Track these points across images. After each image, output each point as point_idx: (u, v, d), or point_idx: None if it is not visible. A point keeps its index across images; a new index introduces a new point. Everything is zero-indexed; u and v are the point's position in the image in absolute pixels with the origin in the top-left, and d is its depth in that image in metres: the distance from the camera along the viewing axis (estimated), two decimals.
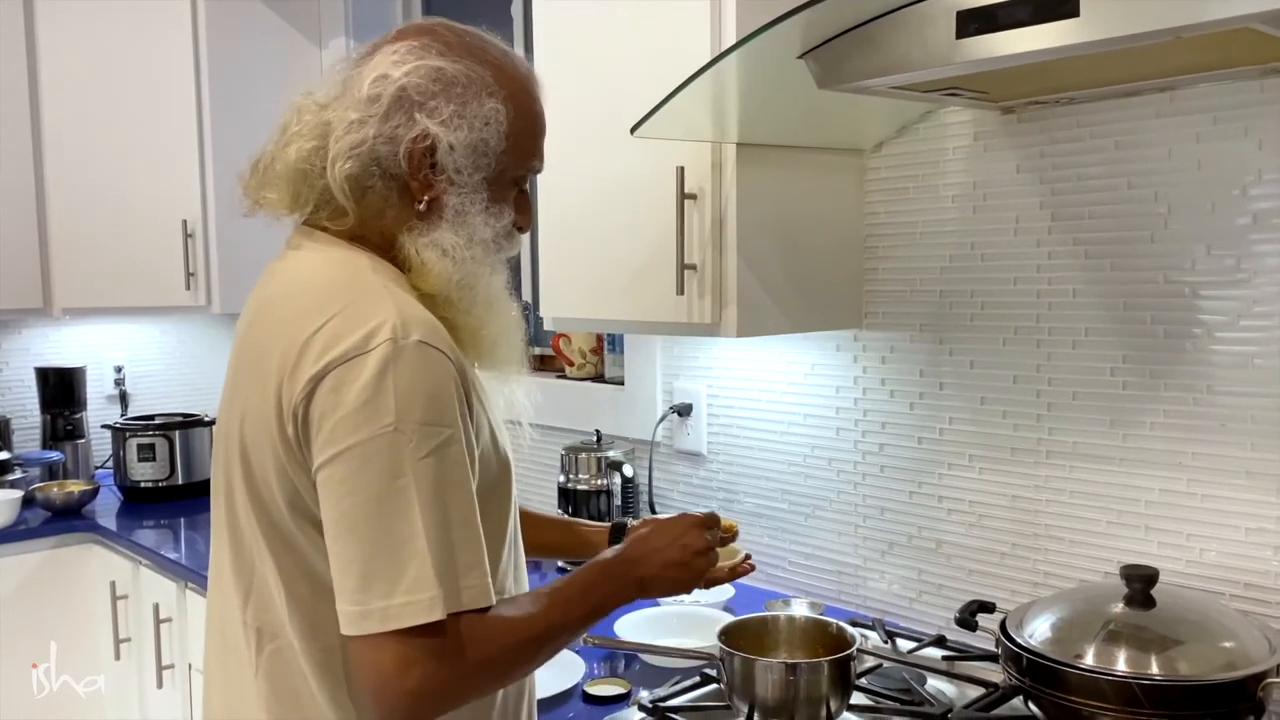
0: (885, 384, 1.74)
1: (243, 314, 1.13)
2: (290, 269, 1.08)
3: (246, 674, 1.07)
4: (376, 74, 1.03)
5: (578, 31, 1.70)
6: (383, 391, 0.93)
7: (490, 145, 1.06)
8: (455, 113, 1.03)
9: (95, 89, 2.76)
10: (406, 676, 0.92)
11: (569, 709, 1.44)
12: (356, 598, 0.93)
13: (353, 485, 0.93)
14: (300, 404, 0.95)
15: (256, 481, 1.01)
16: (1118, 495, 1.48)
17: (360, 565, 0.93)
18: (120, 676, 2.57)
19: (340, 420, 0.93)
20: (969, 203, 1.61)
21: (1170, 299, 1.41)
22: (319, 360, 0.95)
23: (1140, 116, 1.41)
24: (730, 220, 1.52)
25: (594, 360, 2.36)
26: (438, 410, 0.95)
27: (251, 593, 1.06)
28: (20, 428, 3.01)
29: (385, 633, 0.92)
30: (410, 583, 0.92)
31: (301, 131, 1.05)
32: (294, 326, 0.98)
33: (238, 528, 1.06)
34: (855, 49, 1.21)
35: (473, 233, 1.06)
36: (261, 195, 1.09)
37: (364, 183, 1.03)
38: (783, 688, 1.25)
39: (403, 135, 1.02)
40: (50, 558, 2.58)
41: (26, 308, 2.76)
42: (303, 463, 0.97)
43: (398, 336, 0.95)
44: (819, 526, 1.87)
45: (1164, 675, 1.14)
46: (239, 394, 1.04)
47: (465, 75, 1.05)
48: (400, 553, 0.92)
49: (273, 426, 0.98)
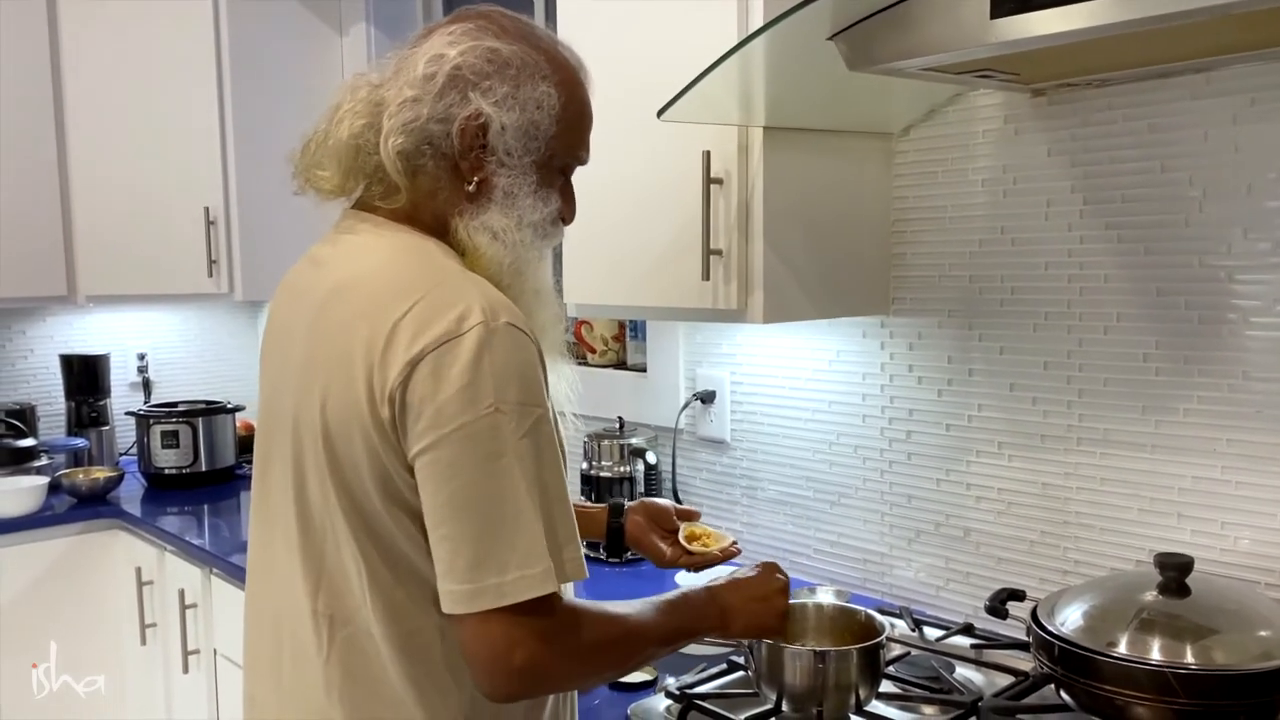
0: (913, 370, 1.73)
1: (289, 299, 1.12)
2: (355, 253, 1.07)
3: (314, 664, 1.06)
4: (432, 53, 1.04)
5: (602, 14, 1.68)
6: (480, 374, 0.95)
7: (541, 129, 1.07)
8: (508, 94, 1.05)
9: (118, 78, 2.76)
10: (517, 653, 0.95)
11: (594, 695, 1.43)
12: (470, 575, 0.95)
13: (459, 467, 0.95)
14: (397, 388, 0.96)
15: (342, 464, 1.01)
16: (1150, 483, 1.46)
17: (472, 544, 0.95)
18: (146, 661, 2.59)
19: (442, 404, 0.94)
20: (999, 186, 1.59)
21: (1205, 284, 1.38)
22: (413, 345, 0.95)
23: (1175, 98, 1.39)
24: (757, 205, 1.51)
25: (616, 347, 2.36)
26: (530, 390, 0.98)
27: (322, 581, 1.05)
28: (46, 415, 3.04)
29: (498, 610, 0.94)
30: (521, 558, 0.95)
31: (355, 109, 1.06)
32: (378, 311, 0.98)
33: (308, 515, 1.05)
34: (887, 30, 1.19)
35: (522, 215, 1.08)
36: (313, 173, 1.10)
37: (415, 161, 1.04)
38: (811, 675, 1.24)
39: (456, 114, 1.03)
40: (77, 543, 2.60)
41: (51, 295, 2.78)
42: (396, 446, 0.97)
43: (488, 319, 0.96)
44: (844, 514, 1.86)
45: (1199, 664, 1.12)
46: (317, 379, 1.02)
47: (520, 58, 1.06)
48: (511, 530, 0.95)
49: (364, 411, 0.98)
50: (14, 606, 2.50)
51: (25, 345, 3.08)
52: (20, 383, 3.07)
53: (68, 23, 2.72)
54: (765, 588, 1.22)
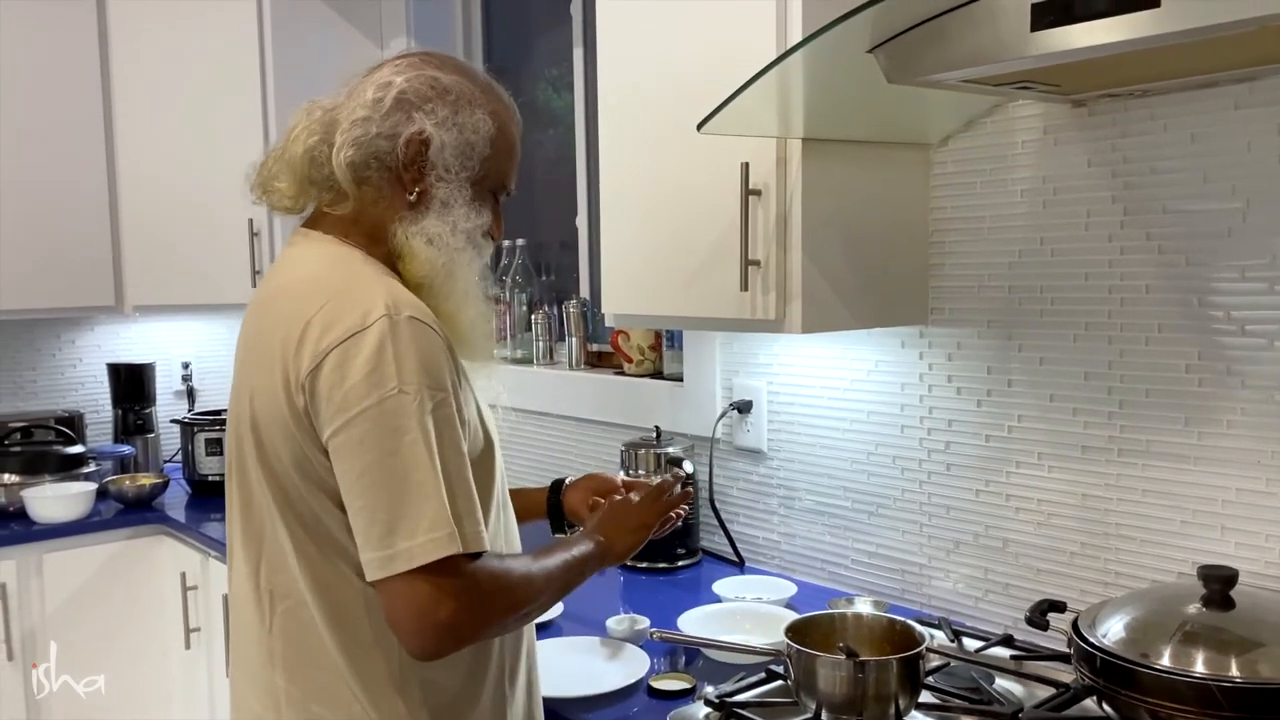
0: (951, 381, 1.73)
1: (247, 311, 1.24)
2: (288, 265, 1.21)
3: (260, 635, 1.18)
4: (380, 80, 1.19)
5: (641, 28, 1.70)
6: (384, 361, 1.05)
7: (476, 150, 1.20)
8: (448, 116, 1.18)
9: (164, 93, 2.83)
10: (439, 609, 1.03)
11: (634, 703, 1.45)
12: (383, 543, 1.03)
13: (368, 444, 1.04)
14: (307, 379, 1.06)
15: (266, 451, 1.12)
16: (1193, 494, 1.45)
17: (384, 514, 1.03)
18: (190, 665, 2.63)
19: (349, 390, 1.04)
20: (1038, 197, 1.59)
21: (1247, 296, 1.37)
22: (321, 339, 1.06)
23: (1218, 108, 1.38)
24: (795, 216, 1.52)
25: (652, 357, 2.37)
26: (433, 375, 1.07)
27: (262, 558, 1.17)
28: (93, 422, 3.10)
29: (413, 571, 1.02)
30: (429, 523, 1.03)
31: (310, 127, 1.19)
32: (294, 312, 1.10)
33: (249, 497, 1.17)
34: (927, 42, 1.20)
35: (456, 223, 1.19)
36: (270, 185, 1.23)
37: (362, 172, 1.17)
38: (851, 685, 1.24)
39: (402, 131, 1.16)
40: (123, 549, 2.66)
41: (100, 305, 2.85)
42: (310, 431, 1.08)
43: (391, 313, 1.07)
44: (882, 525, 1.86)
45: (1244, 678, 1.11)
46: (247, 377, 1.16)
47: (459, 87, 1.20)
48: (417, 498, 1.03)
49: (281, 401, 1.09)
50: (62, 610, 2.56)
51: (74, 354, 3.15)
52: (69, 391, 3.14)
53: (117, 39, 2.79)
54: (637, 519, 1.36)
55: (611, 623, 1.65)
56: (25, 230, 2.70)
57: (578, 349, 2.56)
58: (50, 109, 2.72)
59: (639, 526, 1.37)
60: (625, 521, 1.36)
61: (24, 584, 2.51)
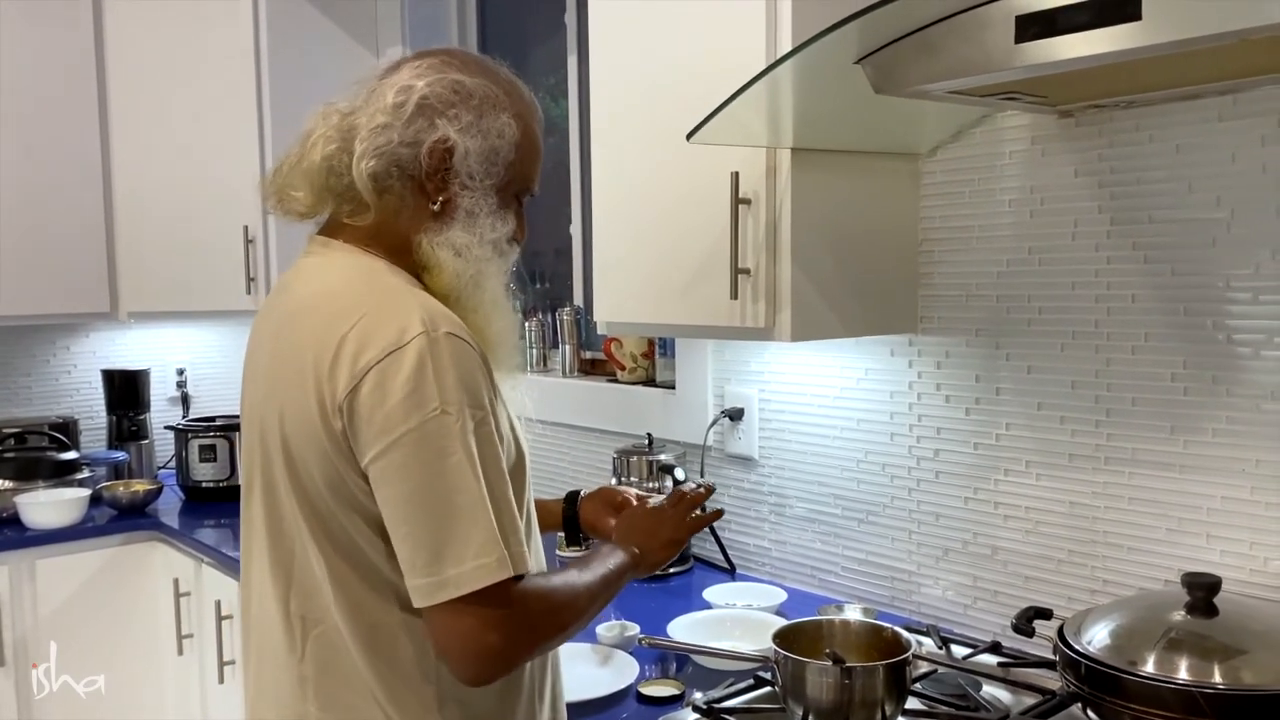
0: (940, 389, 1.74)
1: (262, 322, 1.19)
2: (311, 277, 1.15)
3: (290, 662, 1.12)
4: (401, 84, 1.12)
5: (632, 38, 1.72)
6: (424, 380, 1.00)
7: (501, 155, 1.15)
8: (472, 122, 1.12)
9: (160, 100, 2.84)
10: (489, 635, 1.00)
11: (623, 709, 1.45)
12: (430, 570, 1.00)
13: (411, 469, 1.00)
14: (345, 400, 1.02)
15: (299, 473, 1.08)
16: (1178, 502, 1.46)
17: (430, 540, 1.00)
18: (182, 671, 2.63)
19: (390, 411, 1.00)
20: (1026, 207, 1.60)
21: (1232, 304, 1.39)
22: (358, 359, 1.02)
23: (1203, 120, 1.40)
24: (784, 225, 1.53)
25: (645, 364, 2.38)
26: (473, 393, 1.03)
27: (293, 583, 1.12)
28: (87, 428, 3.10)
29: (462, 598, 0.99)
30: (478, 548, 1.00)
31: (327, 134, 1.13)
32: (326, 329, 1.05)
33: (279, 520, 1.12)
34: (913, 54, 1.21)
35: (482, 233, 1.15)
36: (286, 193, 1.17)
37: (384, 182, 1.11)
38: (838, 691, 1.25)
39: (424, 139, 1.11)
40: (117, 555, 2.65)
41: (94, 311, 2.86)
42: (348, 454, 1.04)
43: (429, 330, 1.02)
44: (872, 532, 1.87)
45: (1228, 684, 1.12)
46: (276, 395, 1.10)
47: (482, 90, 1.14)
48: (464, 522, 1.00)
49: (316, 422, 1.04)
50: (56, 616, 2.56)
51: (69, 360, 3.16)
52: (63, 397, 3.14)
53: (113, 46, 2.80)
54: (670, 533, 1.34)
55: (601, 629, 1.66)
56: (20, 236, 2.71)
57: (571, 356, 2.57)
58: (46, 115, 2.73)
59: (670, 542, 1.33)
60: (659, 533, 1.33)
61: (16, 590, 2.51)
